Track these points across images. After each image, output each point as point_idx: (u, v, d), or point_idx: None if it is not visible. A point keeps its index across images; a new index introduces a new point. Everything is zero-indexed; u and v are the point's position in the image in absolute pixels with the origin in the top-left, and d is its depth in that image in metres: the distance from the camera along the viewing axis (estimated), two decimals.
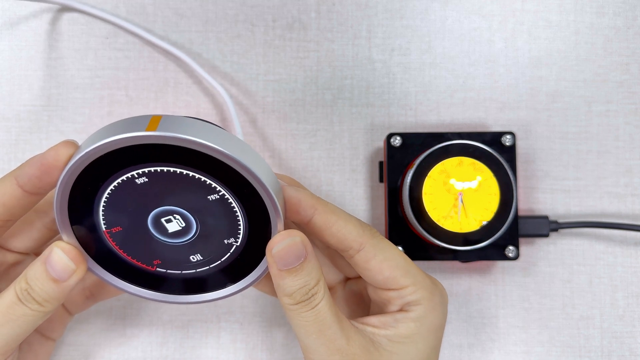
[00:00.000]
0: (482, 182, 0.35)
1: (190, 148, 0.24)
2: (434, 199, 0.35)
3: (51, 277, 0.28)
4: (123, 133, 0.24)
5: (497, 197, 0.35)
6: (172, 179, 0.25)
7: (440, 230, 0.35)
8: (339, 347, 0.28)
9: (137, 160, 0.25)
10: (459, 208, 0.35)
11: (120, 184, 0.26)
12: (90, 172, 0.25)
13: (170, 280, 0.30)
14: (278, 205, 0.26)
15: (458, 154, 0.35)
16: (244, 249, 0.28)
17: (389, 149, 0.37)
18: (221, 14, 0.40)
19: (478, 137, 0.36)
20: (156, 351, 0.39)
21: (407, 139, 0.37)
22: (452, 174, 0.35)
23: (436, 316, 0.30)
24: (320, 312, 0.28)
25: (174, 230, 0.28)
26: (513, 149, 0.36)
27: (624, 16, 0.40)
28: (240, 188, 0.26)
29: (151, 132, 0.23)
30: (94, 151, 0.24)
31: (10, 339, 0.29)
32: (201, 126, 0.24)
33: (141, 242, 0.28)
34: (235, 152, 0.24)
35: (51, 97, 0.40)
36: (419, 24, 0.40)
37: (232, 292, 0.30)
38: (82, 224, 0.28)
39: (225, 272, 0.29)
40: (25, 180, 0.27)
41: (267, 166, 0.26)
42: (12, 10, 0.40)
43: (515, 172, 0.36)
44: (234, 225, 0.27)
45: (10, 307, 0.28)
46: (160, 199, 0.27)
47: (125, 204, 0.27)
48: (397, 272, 0.29)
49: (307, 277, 0.27)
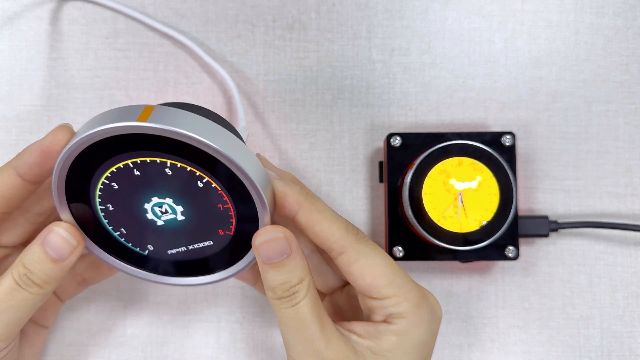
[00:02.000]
0: (481, 182, 0.35)
1: (178, 140, 0.25)
2: (434, 199, 0.35)
3: (50, 258, 0.28)
4: (115, 122, 0.25)
5: (496, 197, 0.35)
6: (163, 168, 0.27)
7: (440, 230, 0.35)
8: (316, 348, 0.28)
9: (130, 147, 0.26)
10: (459, 208, 0.35)
11: (114, 172, 0.27)
12: (85, 156, 0.26)
13: (162, 262, 0.31)
14: (264, 198, 0.26)
15: (458, 154, 0.35)
16: (233, 238, 0.29)
17: (389, 149, 0.37)
18: (221, 14, 0.40)
19: (478, 137, 0.36)
20: (156, 351, 0.39)
21: (407, 139, 0.37)
22: (452, 174, 0.35)
23: (421, 332, 0.29)
24: (300, 311, 0.28)
25: (166, 217, 0.29)
26: (513, 149, 0.36)
27: (623, 16, 0.40)
28: (229, 180, 0.26)
29: (139, 123, 0.24)
30: (86, 138, 0.25)
31: (12, 324, 0.29)
32: (192, 119, 0.25)
33: (135, 226, 0.29)
34: (221, 145, 0.25)
35: (51, 97, 0.40)
36: (419, 24, 0.40)
37: (222, 278, 0.31)
38: (78, 205, 0.29)
39: (215, 259, 0.30)
40: (26, 169, 0.28)
41: (255, 160, 0.26)
42: (13, 11, 0.40)
43: (515, 172, 0.36)
44: (224, 215, 0.28)
45: (9, 293, 0.28)
46: (153, 187, 0.28)
47: (120, 190, 0.28)
48: (380, 280, 0.29)
49: (289, 274, 0.28)
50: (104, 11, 0.40)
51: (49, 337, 0.39)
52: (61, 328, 0.39)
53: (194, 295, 0.39)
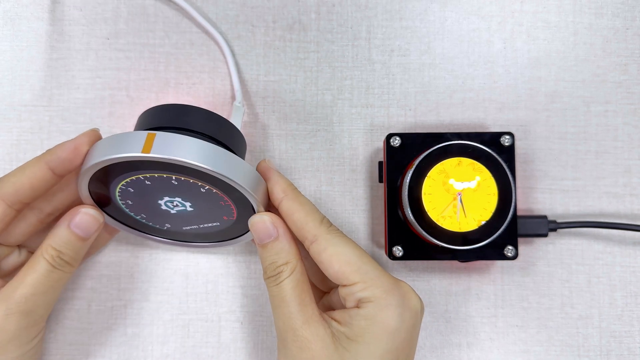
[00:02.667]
0: (481, 182, 0.35)
1: None
2: (433, 199, 0.35)
3: (78, 237, 0.33)
4: (120, 152, 0.29)
5: (495, 197, 0.35)
6: (170, 180, 0.31)
7: (439, 230, 0.35)
8: (293, 325, 0.31)
9: (138, 168, 0.31)
10: (458, 208, 0.35)
11: (128, 182, 0.32)
12: (101, 172, 0.31)
13: (179, 234, 0.37)
14: (254, 196, 0.31)
15: (457, 155, 0.35)
16: (236, 221, 0.34)
17: (389, 149, 0.37)
18: (222, 14, 0.40)
19: (477, 137, 0.36)
20: (157, 350, 0.39)
21: (407, 140, 0.37)
22: (451, 174, 0.35)
23: (390, 316, 0.30)
24: (282, 289, 0.31)
25: (178, 208, 0.34)
26: (512, 149, 0.36)
27: (622, 17, 0.40)
28: (225, 186, 0.31)
29: (142, 155, 0.29)
30: (93, 166, 0.30)
31: (52, 303, 0.33)
32: (189, 144, 0.29)
33: (153, 213, 0.35)
34: (214, 165, 0.29)
35: (52, 98, 0.40)
36: (419, 25, 0.40)
37: (225, 245, 0.37)
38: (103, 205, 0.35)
39: (223, 234, 0.36)
40: (58, 163, 0.32)
41: (245, 167, 0.31)
42: (14, 11, 0.40)
43: (514, 172, 0.36)
44: (226, 207, 0.33)
45: (46, 275, 0.32)
46: (163, 192, 0.32)
47: (135, 192, 0.33)
48: (347, 267, 0.31)
49: (275, 255, 0.32)
50: (105, 12, 0.40)
51: (50, 337, 0.39)
52: (62, 327, 0.39)
53: (195, 294, 0.39)
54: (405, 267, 0.40)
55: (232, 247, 0.40)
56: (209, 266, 0.40)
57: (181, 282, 0.40)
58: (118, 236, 0.40)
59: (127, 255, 0.40)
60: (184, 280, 0.40)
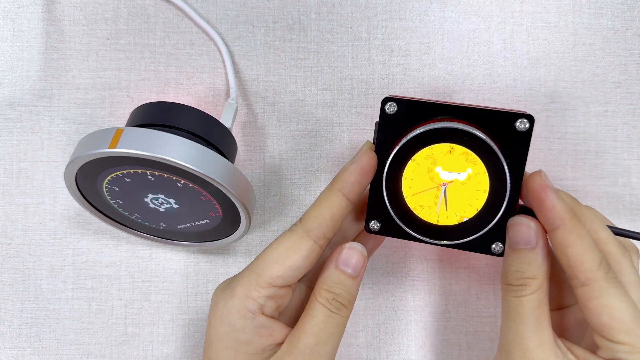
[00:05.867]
0: (472, 175, 0.31)
1: None
2: (414, 185, 0.31)
3: (349, 275, 0.30)
4: (88, 150, 0.30)
5: (485, 194, 0.31)
6: (146, 176, 0.32)
7: (413, 219, 0.32)
8: (524, 345, 0.28)
9: (113, 164, 0.31)
10: (440, 199, 0.31)
11: (111, 179, 0.33)
12: (84, 170, 0.32)
13: (175, 233, 0.37)
14: (229, 189, 0.31)
15: (450, 141, 0.30)
16: (223, 218, 0.35)
17: (383, 116, 0.32)
18: (222, 15, 0.40)
19: (489, 115, 0.30)
20: (157, 350, 0.39)
21: (404, 107, 0.31)
22: (439, 162, 0.31)
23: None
24: (522, 305, 0.29)
25: (165, 206, 0.34)
26: (527, 137, 0.30)
27: (622, 17, 0.40)
28: (196, 178, 0.31)
29: (106, 150, 0.30)
30: (73, 164, 0.31)
31: (333, 352, 0.30)
32: (154, 137, 0.30)
33: (144, 212, 0.35)
34: (176, 156, 0.29)
35: (53, 98, 0.40)
36: (418, 25, 0.40)
37: (219, 244, 0.37)
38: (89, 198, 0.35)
39: (216, 231, 0.36)
40: (349, 189, 0.30)
41: (219, 159, 0.31)
42: (14, 11, 0.40)
43: (523, 165, 0.31)
44: (209, 203, 0.33)
45: (326, 321, 0.30)
46: (145, 188, 0.33)
47: (121, 190, 0.34)
48: (618, 325, 0.28)
49: (525, 265, 0.29)
50: (105, 12, 0.40)
51: (50, 337, 0.39)
52: (62, 327, 0.39)
53: (195, 294, 0.40)
54: (405, 267, 0.40)
55: (232, 247, 0.40)
56: (209, 266, 0.40)
57: (181, 282, 0.40)
58: (118, 236, 0.40)
59: (127, 255, 0.40)
60: (184, 280, 0.40)
